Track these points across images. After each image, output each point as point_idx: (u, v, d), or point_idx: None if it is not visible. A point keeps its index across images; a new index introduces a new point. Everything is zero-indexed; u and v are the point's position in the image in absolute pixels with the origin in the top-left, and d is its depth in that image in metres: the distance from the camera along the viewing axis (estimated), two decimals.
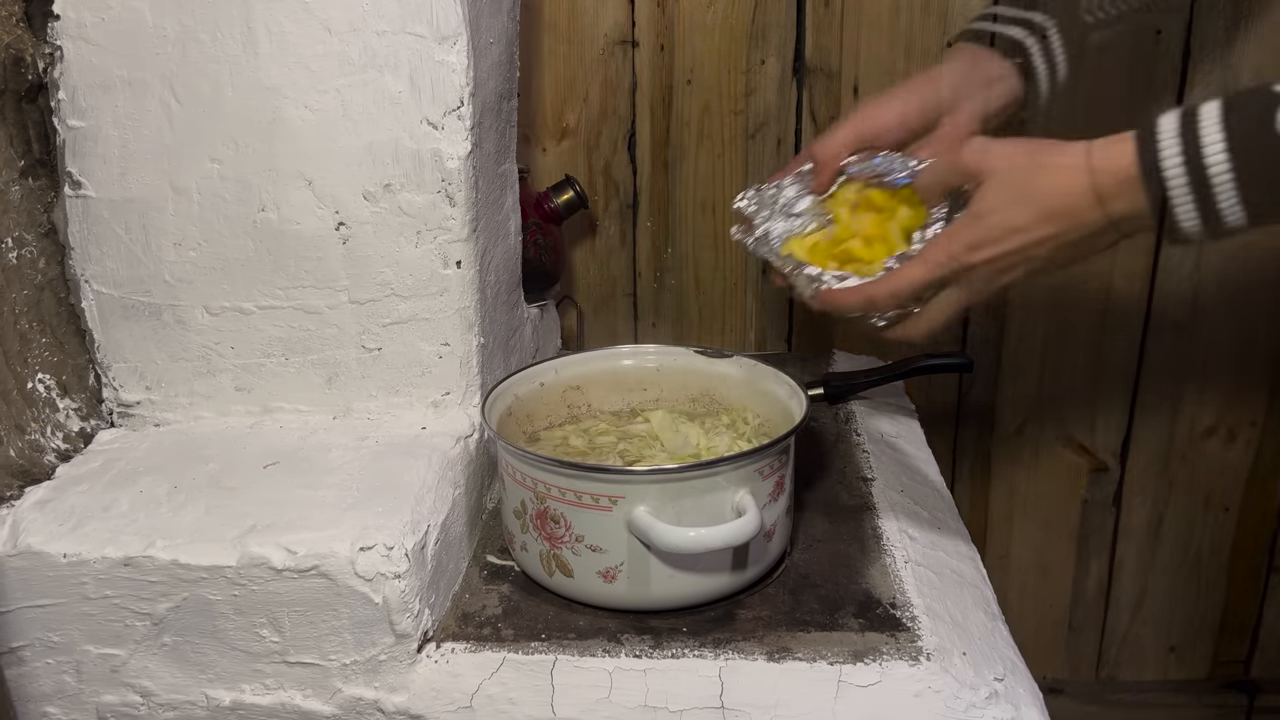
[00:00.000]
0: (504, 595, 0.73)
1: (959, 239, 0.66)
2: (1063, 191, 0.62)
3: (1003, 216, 0.64)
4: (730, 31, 1.12)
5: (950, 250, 0.66)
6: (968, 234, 0.65)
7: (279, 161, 0.76)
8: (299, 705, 0.68)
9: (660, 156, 1.17)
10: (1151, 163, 0.58)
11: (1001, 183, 0.64)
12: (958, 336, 1.23)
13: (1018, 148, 0.65)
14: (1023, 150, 0.64)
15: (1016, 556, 1.32)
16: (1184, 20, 1.09)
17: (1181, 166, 0.57)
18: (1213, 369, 1.22)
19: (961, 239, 0.66)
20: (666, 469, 0.71)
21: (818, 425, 0.98)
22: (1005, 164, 0.64)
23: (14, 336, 0.76)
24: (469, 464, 0.79)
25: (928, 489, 0.90)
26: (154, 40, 0.74)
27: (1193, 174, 0.57)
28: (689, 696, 0.65)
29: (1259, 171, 0.55)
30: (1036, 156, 0.63)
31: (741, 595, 0.72)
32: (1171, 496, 1.28)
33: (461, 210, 0.76)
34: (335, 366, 0.81)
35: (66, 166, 0.78)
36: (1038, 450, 1.28)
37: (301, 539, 0.66)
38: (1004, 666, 0.68)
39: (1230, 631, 1.34)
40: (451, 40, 0.73)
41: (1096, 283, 1.19)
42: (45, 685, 0.70)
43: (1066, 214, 0.62)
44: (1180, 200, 0.58)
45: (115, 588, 0.67)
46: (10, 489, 0.73)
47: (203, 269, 0.79)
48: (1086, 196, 0.61)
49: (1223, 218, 0.57)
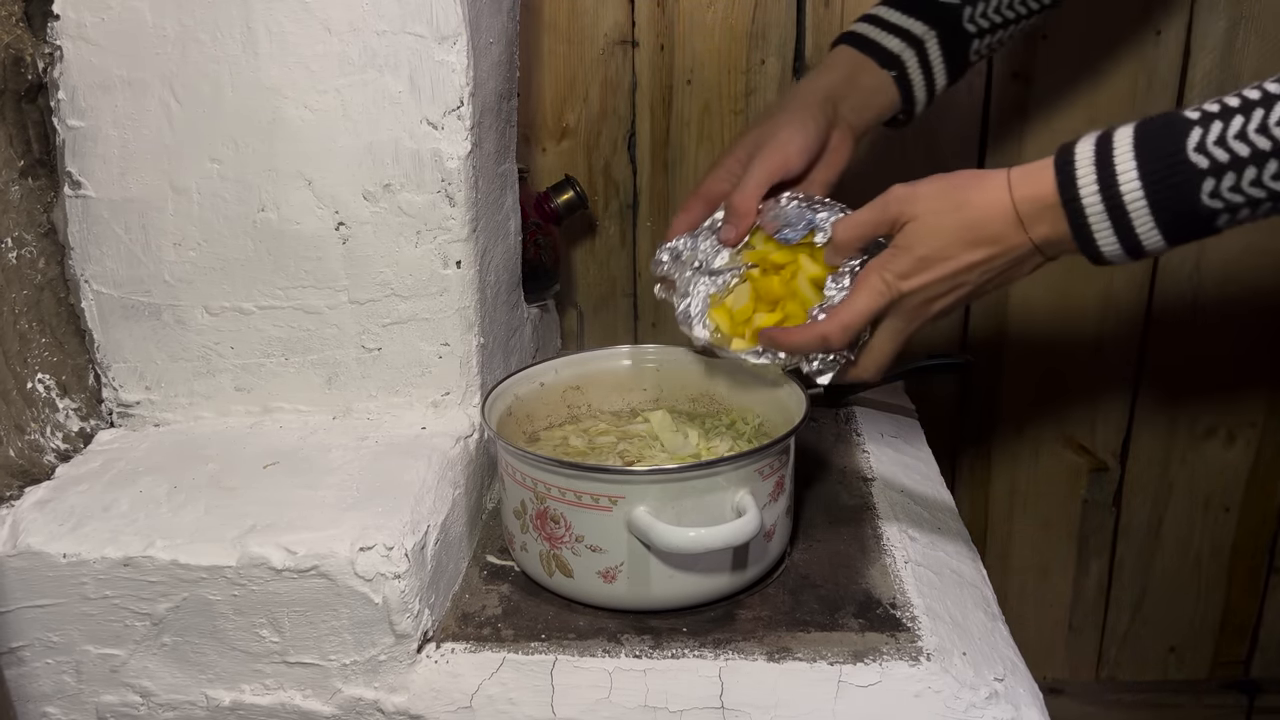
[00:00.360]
0: (504, 595, 0.73)
1: (889, 268, 0.66)
2: (988, 218, 0.63)
3: (930, 246, 0.65)
4: (730, 31, 1.12)
5: (884, 277, 0.66)
6: (896, 264, 0.66)
7: (279, 161, 0.76)
8: (299, 705, 0.68)
9: (660, 156, 1.17)
10: (1069, 192, 0.60)
11: (927, 217, 0.65)
12: (958, 336, 1.23)
13: (940, 186, 0.66)
14: (945, 187, 0.65)
15: (1016, 556, 1.32)
16: (1184, 20, 1.09)
17: (1097, 195, 0.59)
18: (1213, 369, 1.22)
19: (891, 268, 0.66)
20: (666, 469, 0.71)
21: (818, 425, 0.98)
22: (931, 204, 0.65)
23: (14, 336, 0.76)
24: (469, 464, 0.79)
25: (928, 489, 0.90)
26: (154, 40, 0.74)
27: (1109, 202, 0.59)
28: (689, 696, 0.65)
29: (1172, 198, 0.57)
30: (960, 191, 0.64)
31: (741, 595, 0.72)
32: (1171, 496, 1.28)
33: (461, 210, 0.76)
34: (335, 366, 0.81)
35: (66, 166, 0.78)
36: (1038, 450, 1.27)
37: (301, 539, 0.66)
38: (1004, 666, 0.68)
39: (1230, 631, 1.34)
40: (451, 40, 0.73)
41: (1096, 283, 1.19)
42: (45, 685, 0.70)
43: (993, 239, 0.63)
44: (1099, 227, 0.60)
45: (115, 588, 0.67)
46: (10, 489, 0.73)
47: (203, 269, 0.79)
48: (1011, 222, 0.62)
49: (1141, 242, 0.59)
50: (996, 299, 1.21)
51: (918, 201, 0.66)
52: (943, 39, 0.83)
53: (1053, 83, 1.13)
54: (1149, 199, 0.58)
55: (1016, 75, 1.13)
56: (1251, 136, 0.55)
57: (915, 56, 0.82)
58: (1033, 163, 0.63)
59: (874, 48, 0.83)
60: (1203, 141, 0.56)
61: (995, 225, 0.63)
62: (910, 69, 0.83)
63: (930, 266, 0.65)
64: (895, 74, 0.82)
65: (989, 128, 1.15)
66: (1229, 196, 0.56)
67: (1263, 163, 0.55)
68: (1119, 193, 0.58)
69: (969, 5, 0.83)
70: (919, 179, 0.67)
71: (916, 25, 0.82)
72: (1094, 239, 0.60)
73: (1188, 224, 0.58)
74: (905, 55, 0.82)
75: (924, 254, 0.65)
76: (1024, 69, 1.12)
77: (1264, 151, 0.55)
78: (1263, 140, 0.55)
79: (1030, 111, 1.14)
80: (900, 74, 0.83)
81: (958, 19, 0.83)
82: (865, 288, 0.67)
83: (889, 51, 0.82)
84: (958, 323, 1.22)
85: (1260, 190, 0.56)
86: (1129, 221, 0.59)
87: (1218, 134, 0.56)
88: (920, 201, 0.66)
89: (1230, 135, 0.55)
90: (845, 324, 0.68)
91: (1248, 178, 0.55)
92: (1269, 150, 0.55)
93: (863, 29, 0.84)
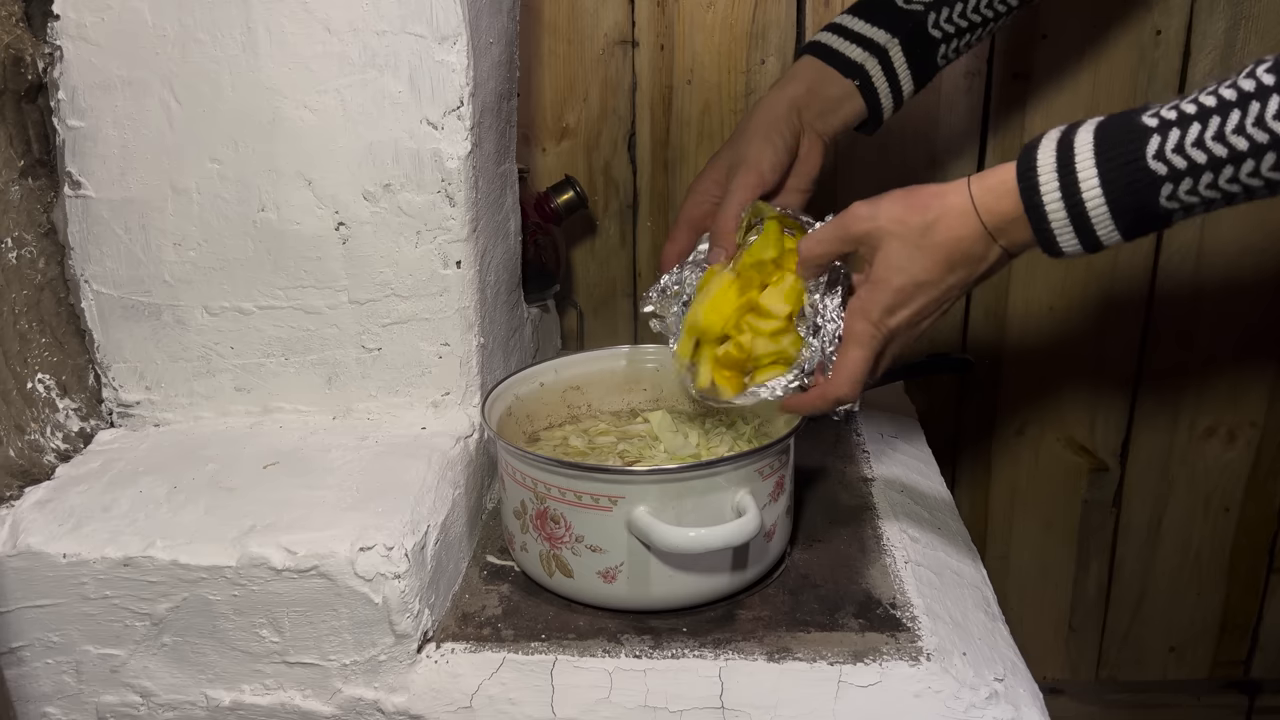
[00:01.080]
0: (504, 595, 0.73)
1: (874, 308, 0.67)
2: (959, 238, 0.64)
3: (909, 275, 0.65)
4: (730, 31, 1.12)
5: (871, 321, 0.67)
6: (880, 300, 0.66)
7: (279, 161, 0.76)
8: (299, 705, 0.68)
9: (660, 156, 1.17)
10: (1032, 200, 0.61)
11: (898, 244, 0.66)
12: (958, 336, 1.23)
13: (902, 203, 0.66)
14: (909, 206, 0.66)
15: (1016, 556, 1.32)
16: (1184, 20, 1.09)
17: (1060, 204, 0.61)
18: (1213, 369, 1.22)
19: (877, 307, 0.67)
20: (666, 469, 0.71)
21: (818, 425, 0.98)
22: (897, 225, 0.66)
23: (14, 336, 0.76)
24: (469, 464, 0.79)
25: (928, 489, 0.90)
26: (154, 40, 0.74)
27: (1071, 210, 0.60)
28: (689, 696, 0.65)
29: (1132, 203, 0.59)
30: (925, 211, 0.65)
31: (741, 595, 0.72)
32: (1171, 496, 1.28)
33: (461, 210, 0.76)
34: (335, 366, 0.81)
35: (66, 166, 0.78)
36: (1038, 450, 1.27)
37: (301, 539, 0.66)
38: (1004, 667, 0.68)
39: (1230, 631, 1.34)
40: (451, 40, 0.73)
41: (1097, 282, 1.19)
42: (45, 685, 0.70)
43: (969, 259, 0.65)
44: (1061, 231, 0.61)
45: (115, 588, 0.67)
46: (10, 489, 0.73)
47: (202, 269, 0.79)
48: (982, 238, 0.64)
49: (1100, 241, 0.61)
50: (996, 299, 1.21)
51: (879, 221, 0.66)
52: (907, 46, 0.83)
53: (1053, 83, 1.13)
54: (1109, 204, 0.59)
55: (1016, 75, 1.13)
56: (1209, 144, 0.56)
57: (879, 65, 0.83)
58: (992, 171, 0.64)
59: (836, 57, 0.83)
60: (1161, 149, 0.58)
61: (967, 244, 0.64)
62: (874, 77, 0.83)
63: (913, 297, 0.66)
64: (859, 83, 0.83)
65: (989, 128, 1.15)
66: (1185, 199, 0.58)
67: (1219, 169, 0.57)
68: (1081, 201, 0.60)
69: (933, 11, 0.83)
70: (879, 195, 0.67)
71: (880, 34, 0.83)
72: (1056, 241, 0.62)
73: (1144, 223, 0.60)
74: (869, 64, 0.83)
75: (902, 284, 0.66)
76: (1024, 69, 1.12)
77: (1220, 158, 0.56)
78: (1219, 148, 0.56)
79: (1030, 111, 1.14)
80: (864, 82, 0.83)
81: (922, 25, 0.83)
82: (856, 338, 0.68)
83: (851, 61, 0.83)
84: (958, 323, 1.22)
85: (1215, 192, 0.58)
86: (1090, 225, 0.60)
87: (1175, 142, 0.57)
88: (883, 222, 0.66)
89: (1188, 143, 0.57)
90: (853, 378, 0.68)
91: (1204, 182, 0.57)
92: (1225, 157, 0.56)
93: (826, 38, 0.85)
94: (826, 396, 0.70)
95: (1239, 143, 0.56)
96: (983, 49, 1.12)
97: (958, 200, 0.64)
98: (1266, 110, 0.55)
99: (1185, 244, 1.16)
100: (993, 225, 0.63)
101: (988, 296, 1.21)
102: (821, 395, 0.70)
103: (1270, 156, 0.55)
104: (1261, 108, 0.55)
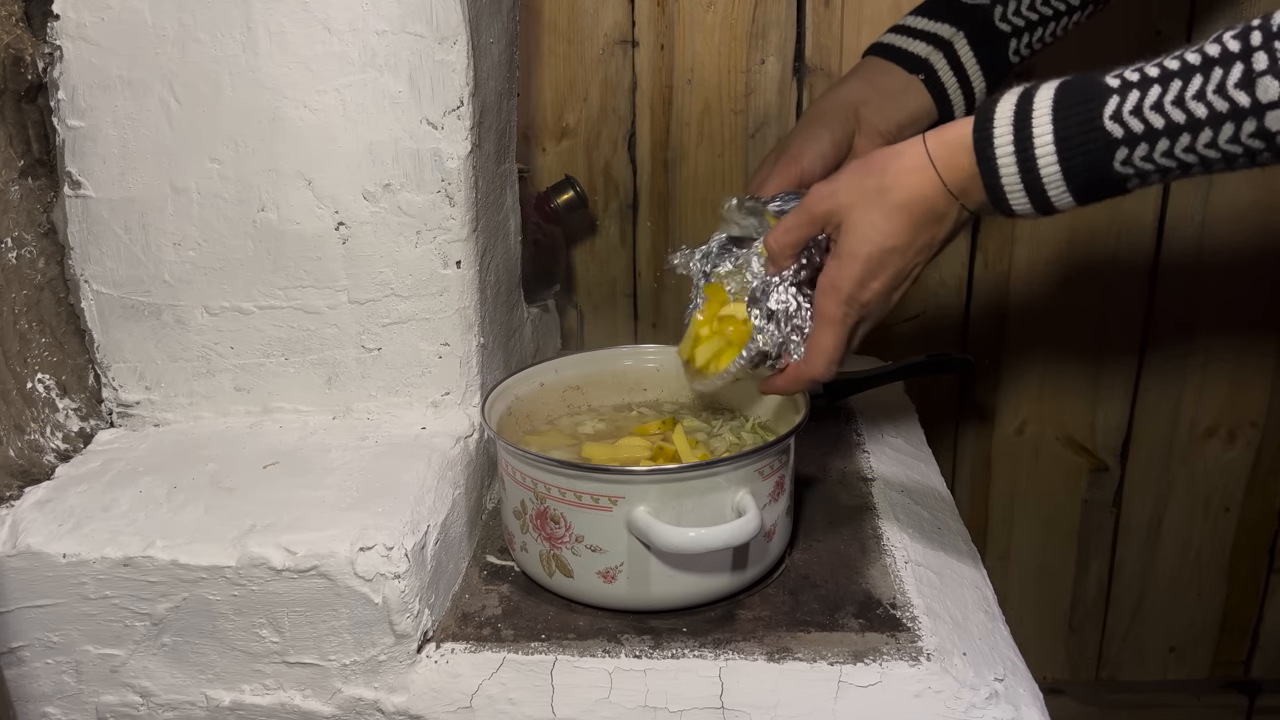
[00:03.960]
0: (504, 595, 0.73)
1: (846, 282, 0.65)
2: (921, 196, 0.63)
3: (874, 244, 0.64)
4: (730, 31, 1.12)
5: (842, 299, 0.66)
6: (849, 274, 0.65)
7: (279, 161, 0.76)
8: (299, 705, 0.68)
9: (660, 156, 1.17)
10: (985, 151, 0.60)
11: (858, 213, 0.64)
12: (958, 336, 1.23)
13: (859, 170, 0.65)
14: (865, 170, 0.65)
15: (1016, 556, 1.32)
16: (1184, 20, 1.09)
17: (1013, 158, 0.59)
18: (1213, 369, 1.22)
19: (849, 281, 0.65)
20: (666, 469, 0.71)
21: (818, 425, 0.98)
22: (855, 193, 0.64)
23: (13, 336, 0.76)
24: (469, 464, 0.79)
25: (928, 489, 0.90)
26: (154, 40, 0.74)
27: (1023, 166, 0.59)
28: (689, 697, 0.65)
29: (1085, 164, 0.58)
30: (883, 175, 0.64)
31: (741, 595, 0.72)
32: (1171, 496, 1.28)
33: (461, 210, 0.76)
34: (335, 366, 0.81)
35: (66, 166, 0.78)
36: (1038, 450, 1.28)
37: (301, 539, 0.66)
38: (1004, 667, 0.68)
39: (1230, 631, 1.34)
40: (451, 40, 0.73)
41: (1096, 282, 1.19)
42: (45, 685, 0.70)
43: (934, 217, 0.63)
44: (1011, 187, 0.60)
45: (115, 588, 0.67)
46: (10, 489, 0.73)
47: (202, 269, 0.79)
48: (942, 194, 0.62)
49: (1052, 203, 0.60)
50: (997, 299, 1.21)
51: (838, 195, 0.65)
52: (973, 39, 0.82)
53: None
54: (1062, 165, 0.58)
55: (1017, 75, 1.12)
56: (1168, 109, 0.55)
57: (944, 59, 0.82)
58: (950, 125, 0.63)
59: (898, 54, 0.82)
60: (1119, 111, 0.56)
61: (928, 202, 0.62)
62: (940, 71, 0.82)
63: (882, 265, 0.64)
64: (924, 76, 0.82)
65: None
66: (1140, 165, 0.57)
67: (1176, 135, 0.55)
68: (1034, 157, 0.58)
69: (999, 4, 0.82)
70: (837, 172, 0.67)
71: (944, 28, 0.82)
72: (1006, 199, 0.61)
73: (1098, 188, 0.59)
74: (933, 58, 0.81)
75: (869, 253, 0.64)
76: (1024, 69, 1.12)
77: (1178, 124, 0.55)
78: (1178, 113, 0.54)
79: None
80: (929, 76, 0.82)
81: (988, 18, 0.82)
82: (825, 319, 0.67)
83: (915, 56, 0.82)
84: (958, 323, 1.22)
85: (1171, 161, 0.56)
86: (1042, 186, 0.59)
87: (1134, 103, 0.56)
88: (841, 195, 0.65)
89: (1147, 106, 0.55)
90: (826, 358, 0.68)
91: (1160, 149, 0.55)
92: (1183, 124, 0.54)
93: (889, 38, 0.84)
94: (800, 377, 0.69)
95: (1198, 109, 0.54)
96: None
97: (913, 158, 0.63)
98: (1229, 77, 0.53)
99: (1185, 243, 1.17)
100: (950, 181, 0.62)
101: (988, 297, 1.21)
102: (795, 376, 0.70)
103: (1229, 127, 0.53)
104: (1224, 74, 0.53)
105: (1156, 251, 1.18)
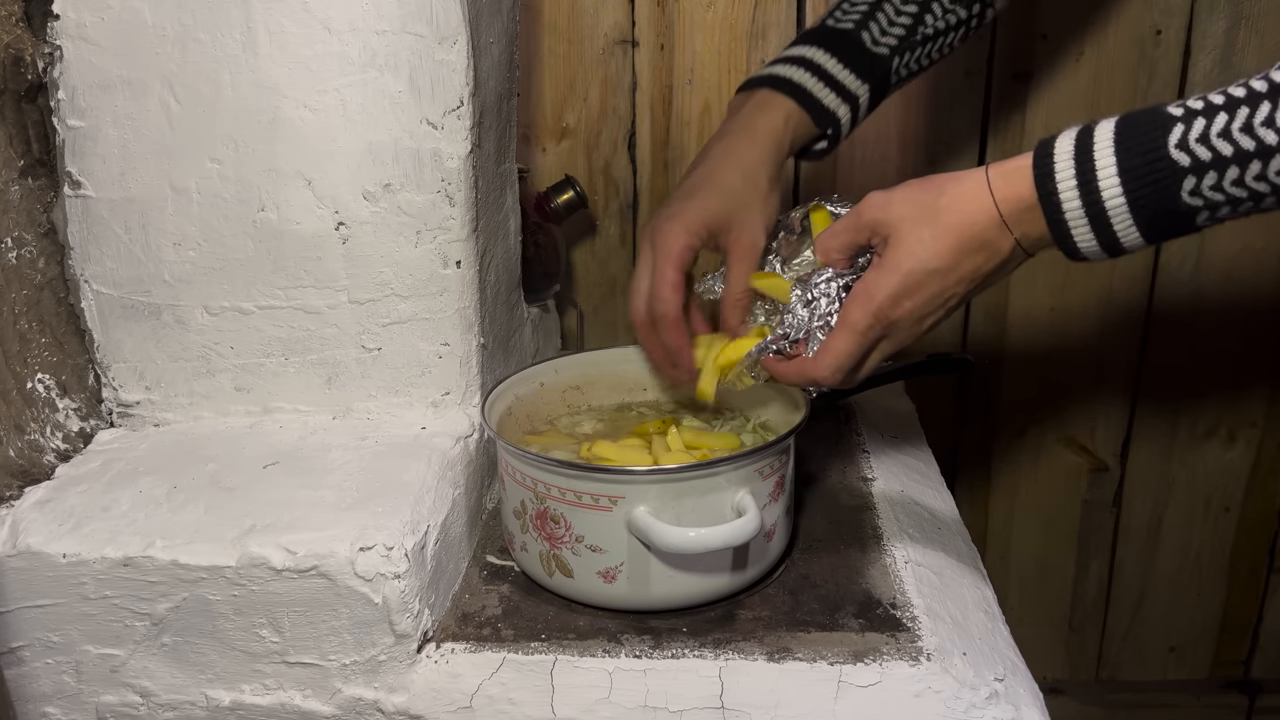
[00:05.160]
0: (504, 595, 0.73)
1: (880, 293, 0.63)
2: (972, 221, 0.61)
3: (921, 260, 0.62)
4: (730, 31, 1.12)
5: (871, 309, 0.64)
6: (887, 284, 0.63)
7: (279, 161, 0.76)
8: (299, 705, 0.68)
9: (660, 156, 1.17)
10: (1046, 187, 0.58)
11: (909, 226, 0.63)
12: (958, 337, 1.23)
13: (918, 186, 0.64)
14: (924, 187, 0.63)
15: (1016, 557, 1.32)
16: (1184, 20, 1.09)
17: (1075, 192, 0.57)
18: (1213, 369, 1.22)
19: (883, 293, 0.63)
20: (666, 469, 0.71)
21: (818, 425, 0.98)
22: (910, 208, 0.63)
23: (13, 336, 0.76)
24: (469, 464, 0.79)
25: (928, 489, 0.90)
26: (154, 40, 0.74)
27: (1086, 199, 0.57)
28: (689, 696, 0.65)
29: (1151, 195, 0.56)
30: (940, 194, 0.62)
31: (741, 595, 0.72)
32: (1171, 497, 1.28)
33: (461, 210, 0.76)
34: (335, 366, 0.81)
35: (66, 166, 0.78)
36: (1038, 451, 1.28)
37: (301, 539, 0.66)
38: (1004, 667, 0.68)
39: (1230, 631, 1.34)
40: (451, 40, 0.73)
41: (1096, 283, 1.19)
42: (45, 685, 0.70)
43: (983, 245, 0.61)
44: (1076, 225, 0.58)
45: (115, 588, 0.67)
46: (10, 489, 0.73)
47: (202, 269, 0.79)
48: (996, 224, 0.61)
49: (1119, 240, 0.58)
50: (997, 300, 1.21)
51: (892, 207, 0.63)
52: (874, 92, 0.82)
53: (1053, 83, 1.13)
54: (1128, 197, 0.56)
55: (1016, 75, 1.13)
56: (1235, 135, 0.54)
57: (849, 113, 0.81)
58: (1012, 159, 0.61)
59: (813, 103, 0.80)
60: (1185, 138, 0.55)
61: (979, 228, 0.61)
62: (844, 125, 0.82)
63: (921, 284, 0.63)
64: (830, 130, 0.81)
65: (989, 128, 1.15)
66: (1210, 195, 0.55)
67: (1246, 162, 0.54)
68: (1097, 189, 0.57)
69: (896, 56, 0.81)
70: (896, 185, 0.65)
71: (853, 81, 0.80)
72: (1071, 236, 0.59)
73: (1166, 222, 0.57)
74: (840, 112, 0.81)
75: (911, 268, 0.62)
76: (1024, 69, 1.12)
77: (1247, 151, 0.54)
78: (1246, 139, 0.54)
79: (1030, 111, 1.14)
80: (835, 130, 0.82)
81: (888, 71, 0.82)
82: (850, 326, 0.65)
83: (827, 110, 0.80)
84: (958, 323, 1.22)
85: (1242, 190, 0.54)
86: (1107, 220, 0.57)
87: (1200, 131, 0.54)
88: (895, 205, 0.63)
89: (1214, 133, 0.54)
90: (835, 363, 0.66)
91: (1230, 177, 0.54)
92: (1252, 150, 0.53)
93: (800, 78, 0.80)
94: (803, 372, 0.68)
95: (1268, 136, 0.53)
96: (983, 49, 1.12)
97: (973, 182, 0.61)
98: None
99: (1185, 244, 1.17)
100: (1006, 211, 0.60)
101: (988, 297, 1.21)
102: (798, 369, 0.69)
103: None
104: None
105: (1157, 251, 1.18)
